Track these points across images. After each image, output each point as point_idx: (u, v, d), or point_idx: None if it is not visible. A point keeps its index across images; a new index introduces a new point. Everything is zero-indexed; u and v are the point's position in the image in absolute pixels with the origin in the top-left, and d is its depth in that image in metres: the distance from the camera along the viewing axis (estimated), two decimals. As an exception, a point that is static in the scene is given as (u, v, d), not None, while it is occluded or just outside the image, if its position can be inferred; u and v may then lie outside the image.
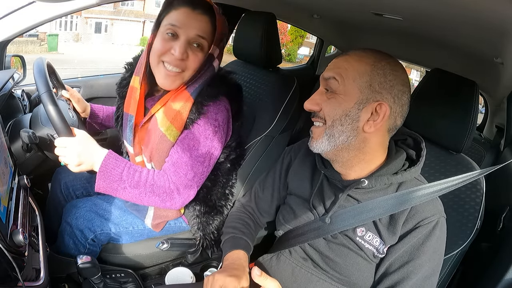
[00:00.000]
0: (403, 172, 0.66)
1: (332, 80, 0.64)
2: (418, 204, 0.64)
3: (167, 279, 0.89)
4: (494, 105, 1.96)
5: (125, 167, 0.78)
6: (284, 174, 0.84)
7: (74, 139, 0.76)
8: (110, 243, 0.96)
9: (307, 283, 0.72)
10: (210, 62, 0.81)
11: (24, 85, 1.24)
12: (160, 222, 0.95)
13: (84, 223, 0.90)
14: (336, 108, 0.64)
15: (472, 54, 1.21)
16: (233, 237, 0.80)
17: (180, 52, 0.75)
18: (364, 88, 0.62)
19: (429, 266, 0.63)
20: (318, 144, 0.67)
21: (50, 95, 0.75)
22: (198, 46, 0.78)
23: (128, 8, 17.68)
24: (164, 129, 0.81)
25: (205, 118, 0.80)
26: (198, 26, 0.76)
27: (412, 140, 0.72)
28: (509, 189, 0.97)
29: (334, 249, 0.69)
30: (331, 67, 0.66)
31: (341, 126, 0.64)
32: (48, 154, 0.90)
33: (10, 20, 1.00)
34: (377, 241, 0.66)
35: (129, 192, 0.78)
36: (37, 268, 0.62)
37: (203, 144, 0.82)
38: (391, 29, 1.33)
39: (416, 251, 0.63)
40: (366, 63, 0.63)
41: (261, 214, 0.89)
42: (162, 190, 0.80)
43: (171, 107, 0.80)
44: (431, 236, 0.63)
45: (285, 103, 1.09)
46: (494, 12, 0.61)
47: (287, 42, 16.62)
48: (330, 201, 0.71)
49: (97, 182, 0.77)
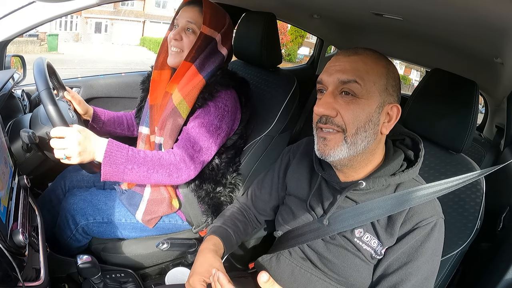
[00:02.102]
0: (401, 173, 0.65)
1: (354, 84, 0.60)
2: (416, 205, 0.63)
3: (167, 279, 0.89)
4: (494, 105, 1.95)
5: (129, 148, 0.83)
6: (282, 174, 0.84)
7: (73, 129, 0.76)
8: (110, 243, 0.96)
9: (306, 283, 0.72)
10: (212, 45, 0.94)
11: (24, 85, 1.24)
12: (152, 218, 0.96)
13: (77, 210, 0.93)
14: (360, 115, 0.60)
15: (472, 54, 1.21)
16: (217, 227, 0.80)
17: (174, 34, 0.94)
18: (382, 91, 0.61)
19: (427, 267, 0.63)
20: (336, 153, 0.62)
21: (49, 92, 0.76)
22: (189, 30, 0.95)
23: (128, 8, 17.70)
24: (176, 103, 0.92)
25: (216, 102, 0.92)
26: (187, 15, 0.95)
27: (410, 140, 0.72)
28: (509, 189, 0.97)
29: (332, 250, 0.69)
30: (348, 68, 0.61)
31: (365, 133, 0.61)
32: (48, 154, 0.90)
33: (10, 20, 1.00)
34: (375, 242, 0.65)
35: (137, 172, 0.81)
36: (37, 268, 0.61)
37: (211, 122, 0.91)
38: (391, 29, 1.33)
39: (415, 253, 0.62)
40: (382, 65, 0.62)
41: (258, 212, 0.89)
42: (169, 162, 0.86)
43: (185, 85, 0.93)
44: (429, 237, 0.62)
45: (285, 103, 1.09)
46: (494, 12, 0.61)
47: (287, 42, 16.63)
48: (328, 202, 0.71)
49: (103, 168, 0.77)
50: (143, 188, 0.98)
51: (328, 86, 0.63)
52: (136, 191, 0.98)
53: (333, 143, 0.62)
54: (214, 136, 0.92)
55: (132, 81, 1.50)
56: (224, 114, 0.93)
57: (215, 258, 0.68)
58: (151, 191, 0.96)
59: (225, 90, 0.94)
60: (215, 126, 0.92)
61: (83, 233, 0.94)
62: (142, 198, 0.96)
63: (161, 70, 1.02)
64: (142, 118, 1.07)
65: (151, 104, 1.01)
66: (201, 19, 0.93)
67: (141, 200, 0.96)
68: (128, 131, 1.21)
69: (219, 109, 0.92)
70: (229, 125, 0.96)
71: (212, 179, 0.99)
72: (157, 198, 0.96)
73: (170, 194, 0.98)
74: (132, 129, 1.21)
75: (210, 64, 0.94)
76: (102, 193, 0.99)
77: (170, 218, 1.01)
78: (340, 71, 0.61)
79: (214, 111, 0.92)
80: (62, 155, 0.75)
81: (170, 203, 0.97)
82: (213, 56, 0.95)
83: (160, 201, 0.96)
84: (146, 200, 0.95)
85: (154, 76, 1.01)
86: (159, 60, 1.02)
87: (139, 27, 18.12)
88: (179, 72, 0.94)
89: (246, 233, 0.87)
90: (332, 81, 0.62)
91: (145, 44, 17.32)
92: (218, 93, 0.92)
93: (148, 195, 0.96)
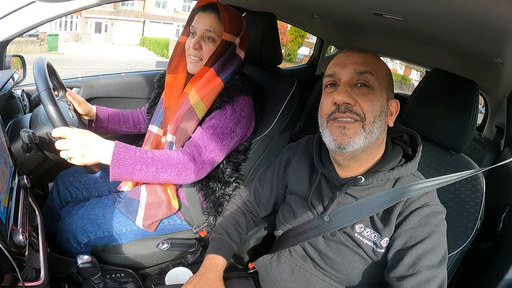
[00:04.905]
0: (400, 167, 0.66)
1: (369, 75, 0.63)
2: (415, 196, 0.64)
3: (167, 279, 0.89)
4: (494, 105, 1.95)
5: (136, 149, 0.82)
6: (282, 172, 0.85)
7: (75, 130, 0.76)
8: (109, 244, 0.96)
9: (307, 283, 0.72)
10: (230, 49, 0.94)
11: (24, 85, 1.24)
12: (152, 222, 0.96)
13: (77, 230, 0.91)
14: (375, 104, 0.63)
15: (472, 54, 1.21)
16: (220, 240, 0.81)
17: (193, 43, 0.94)
18: (387, 86, 0.66)
19: (437, 246, 0.61)
20: (355, 141, 0.62)
21: (49, 93, 0.76)
22: (209, 38, 0.94)
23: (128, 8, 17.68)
24: (193, 103, 0.92)
25: (233, 105, 0.93)
26: (206, 23, 0.93)
27: (408, 136, 0.72)
28: (509, 189, 0.97)
29: (332, 247, 0.69)
30: (362, 61, 0.64)
31: (380, 122, 0.64)
32: (48, 154, 0.90)
33: (10, 20, 1.00)
34: (375, 236, 0.66)
35: (146, 172, 0.82)
36: (37, 268, 0.61)
37: (226, 125, 0.92)
38: (391, 29, 1.33)
39: (418, 231, 0.61)
40: (384, 64, 0.67)
41: (260, 207, 0.90)
42: (177, 161, 0.86)
43: (203, 87, 0.93)
44: (430, 216, 0.62)
45: (285, 103, 1.09)
46: (494, 12, 0.61)
47: (287, 42, 16.62)
48: (328, 199, 0.72)
49: (111, 170, 0.77)
50: (139, 193, 0.97)
51: (342, 78, 0.65)
52: (132, 197, 0.97)
53: (352, 132, 0.63)
54: (227, 139, 0.92)
55: (132, 81, 1.50)
56: (240, 119, 0.94)
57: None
58: (147, 195, 0.96)
59: (244, 96, 0.95)
60: (230, 129, 0.92)
61: (86, 247, 0.94)
62: (139, 203, 0.95)
63: (175, 74, 1.01)
64: (154, 116, 1.06)
65: (166, 105, 1.01)
66: (219, 26, 0.93)
67: (138, 205, 0.95)
68: (134, 128, 1.20)
69: (236, 113, 0.93)
70: (243, 131, 0.97)
71: (217, 178, 0.99)
72: (154, 201, 0.95)
73: (169, 195, 0.98)
74: (139, 126, 1.21)
75: (228, 67, 0.94)
76: (98, 206, 0.96)
77: (169, 219, 1.01)
78: (355, 63, 0.64)
79: (230, 114, 0.92)
80: (65, 156, 0.76)
81: (169, 204, 0.97)
82: (231, 59, 0.95)
83: (158, 204, 0.95)
84: (144, 205, 0.95)
85: (168, 80, 1.01)
86: (172, 64, 1.01)
87: (139, 27, 18.11)
88: (198, 75, 0.94)
89: (247, 232, 0.88)
90: (347, 72, 0.64)
91: (145, 44, 17.32)
92: (236, 97, 0.93)
93: (144, 199, 0.95)
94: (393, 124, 0.69)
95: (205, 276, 0.73)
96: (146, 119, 1.18)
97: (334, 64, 0.67)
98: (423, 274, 0.59)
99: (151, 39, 16.83)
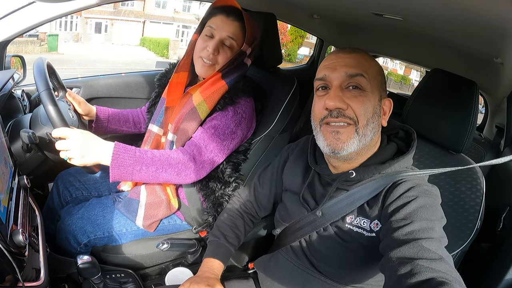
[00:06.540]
0: (391, 161, 0.65)
1: (360, 77, 0.63)
2: (403, 179, 0.62)
3: (167, 279, 0.89)
4: (494, 105, 1.96)
5: (136, 150, 0.82)
6: (280, 170, 0.85)
7: (75, 130, 0.76)
8: (109, 244, 0.95)
9: (304, 282, 0.73)
10: (241, 58, 0.95)
11: (24, 85, 1.24)
12: (152, 222, 0.96)
13: (76, 230, 0.91)
14: (368, 107, 0.63)
15: (472, 54, 1.21)
16: (217, 243, 0.81)
17: (213, 48, 0.92)
18: (379, 86, 0.66)
19: (425, 200, 0.58)
20: (348, 146, 0.63)
21: (49, 93, 0.76)
22: (228, 46, 0.94)
23: (128, 8, 17.68)
24: (196, 104, 0.92)
25: (235, 107, 0.94)
26: (229, 29, 0.93)
27: (404, 132, 0.72)
28: (509, 189, 0.97)
29: (325, 242, 0.69)
30: (352, 63, 0.64)
31: (373, 124, 0.64)
32: (48, 154, 0.90)
33: (10, 20, 1.00)
34: (364, 222, 0.64)
35: (145, 172, 0.82)
36: (37, 268, 0.61)
37: (228, 126, 0.92)
38: (391, 29, 1.34)
39: (405, 196, 0.59)
40: (376, 63, 0.67)
41: (259, 207, 0.90)
42: (177, 161, 0.86)
43: (207, 88, 0.93)
44: (418, 186, 0.60)
45: (285, 103, 1.09)
46: (494, 12, 0.61)
47: (287, 42, 16.62)
48: (320, 194, 0.72)
49: (111, 171, 0.78)
50: (138, 194, 0.97)
51: (333, 81, 0.64)
52: (132, 197, 0.97)
53: (345, 136, 0.63)
54: (228, 140, 0.93)
55: (132, 81, 1.50)
56: (241, 120, 0.94)
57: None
58: (147, 195, 0.96)
59: (246, 98, 0.96)
60: (231, 130, 0.93)
61: (86, 247, 0.94)
62: (139, 203, 0.95)
63: (178, 72, 1.01)
64: (154, 116, 1.06)
65: (167, 106, 1.01)
66: (241, 35, 0.94)
67: (138, 205, 0.95)
68: (134, 128, 1.20)
69: (237, 114, 0.93)
70: (244, 132, 0.97)
71: (217, 178, 0.99)
72: (154, 201, 0.95)
73: (169, 195, 0.98)
74: (139, 126, 1.21)
75: (234, 72, 0.96)
76: (98, 206, 0.96)
77: (169, 219, 1.01)
78: (345, 65, 0.64)
79: (232, 115, 0.93)
80: (65, 156, 0.76)
81: (168, 204, 0.97)
82: (240, 67, 0.97)
83: (158, 204, 0.96)
84: (144, 204, 0.95)
85: (173, 79, 1.00)
86: (180, 63, 1.01)
87: (139, 27, 18.10)
88: (207, 78, 0.94)
89: (245, 234, 0.88)
90: (338, 76, 0.64)
91: (145, 44, 17.31)
92: (238, 99, 0.94)
93: (144, 199, 0.95)
94: (386, 123, 0.69)
95: (201, 275, 0.73)
96: (146, 118, 1.17)
97: (324, 66, 0.67)
98: (417, 223, 0.53)
99: (151, 39, 16.82)
